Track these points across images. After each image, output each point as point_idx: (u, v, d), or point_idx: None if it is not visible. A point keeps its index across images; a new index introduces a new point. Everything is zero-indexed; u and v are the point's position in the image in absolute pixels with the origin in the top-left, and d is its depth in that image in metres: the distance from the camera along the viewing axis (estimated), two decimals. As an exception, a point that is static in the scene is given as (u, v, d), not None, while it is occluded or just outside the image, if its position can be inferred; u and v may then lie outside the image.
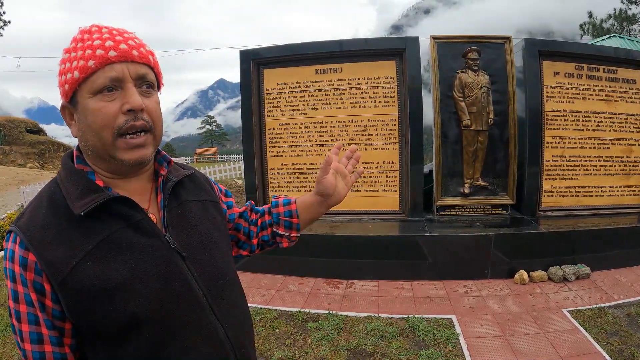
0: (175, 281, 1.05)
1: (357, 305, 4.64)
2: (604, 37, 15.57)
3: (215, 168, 18.26)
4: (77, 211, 0.98)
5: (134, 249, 1.01)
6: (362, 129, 6.11)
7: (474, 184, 6.04)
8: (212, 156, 39.90)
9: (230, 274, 1.22)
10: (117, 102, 1.00)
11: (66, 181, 1.04)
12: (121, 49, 1.00)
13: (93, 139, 1.02)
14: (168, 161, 1.20)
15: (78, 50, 1.00)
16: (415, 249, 5.28)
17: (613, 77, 6.23)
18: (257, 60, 6.33)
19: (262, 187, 6.43)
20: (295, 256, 5.37)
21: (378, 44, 6.27)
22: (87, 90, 0.99)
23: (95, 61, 0.98)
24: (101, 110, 0.99)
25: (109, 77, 0.98)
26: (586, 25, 28.10)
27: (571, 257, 5.26)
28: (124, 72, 1.00)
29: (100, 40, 1.00)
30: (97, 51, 0.98)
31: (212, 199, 1.31)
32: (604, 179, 6.31)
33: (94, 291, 0.95)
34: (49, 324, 0.98)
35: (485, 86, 5.85)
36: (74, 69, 0.99)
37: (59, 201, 1.01)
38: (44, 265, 0.94)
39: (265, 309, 4.60)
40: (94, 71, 0.98)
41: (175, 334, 1.03)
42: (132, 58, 1.02)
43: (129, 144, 1.01)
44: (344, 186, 1.43)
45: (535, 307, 4.44)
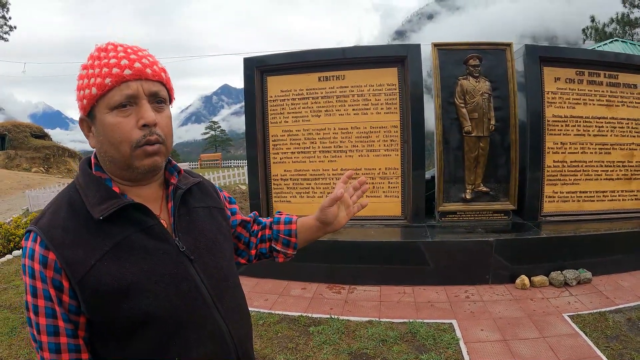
0: (184, 282, 1.13)
1: (358, 310, 4.69)
2: (606, 41, 15.59)
3: (219, 174, 18.31)
4: (96, 215, 1.06)
5: (147, 251, 1.09)
6: (365, 135, 6.16)
7: (476, 189, 6.07)
8: (216, 162, 39.98)
9: (233, 277, 1.31)
10: (132, 117, 1.08)
11: (85, 187, 1.12)
12: (136, 68, 1.08)
13: (112, 150, 1.10)
14: (178, 171, 1.29)
15: (95, 68, 1.08)
16: (417, 255, 5.33)
17: (614, 82, 6.25)
18: (260, 68, 6.40)
19: (265, 193, 6.49)
20: (298, 261, 5.36)
21: (380, 51, 6.33)
22: (104, 105, 1.07)
23: (112, 79, 1.05)
24: (119, 126, 1.07)
25: (125, 94, 1.06)
26: (589, 29, 28.07)
27: (572, 262, 5.28)
28: (139, 90, 1.08)
29: (116, 59, 1.07)
30: (114, 70, 1.06)
31: (218, 205, 1.39)
32: (606, 184, 6.32)
33: (110, 289, 1.03)
34: (65, 317, 1.04)
35: (487, 92, 5.89)
36: (92, 86, 1.07)
37: (78, 205, 1.09)
38: (64, 264, 1.02)
39: (267, 313, 4.66)
40: (110, 88, 1.06)
41: (183, 330, 1.11)
42: (145, 76, 1.09)
43: (145, 151, 1.09)
44: (344, 216, 1.51)
45: (535, 311, 4.47)
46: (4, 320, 4.90)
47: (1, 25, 38.60)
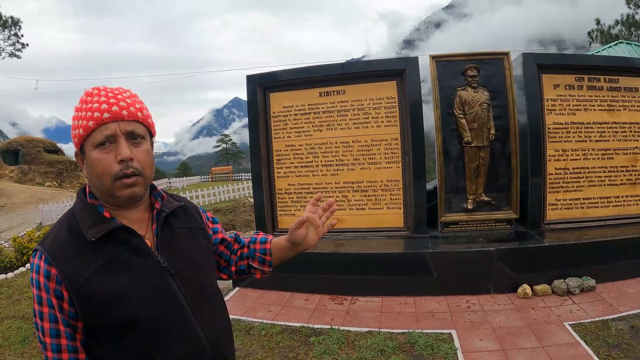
0: (165, 293, 1.31)
1: (359, 321, 4.74)
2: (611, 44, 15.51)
3: (229, 187, 18.41)
4: (89, 237, 1.25)
5: (133, 266, 1.28)
6: (366, 148, 6.23)
7: (478, 199, 6.09)
8: (227, 175, 40.11)
9: (210, 289, 1.49)
10: (112, 154, 1.26)
11: (81, 212, 1.32)
12: (113, 111, 1.27)
13: (97, 181, 1.29)
14: (162, 196, 1.48)
15: (83, 111, 1.28)
16: (420, 265, 5.37)
17: (614, 86, 6.22)
18: (263, 85, 6.53)
19: (270, 207, 6.58)
20: (302, 273, 5.49)
21: (379, 65, 6.41)
22: (90, 143, 1.27)
23: (94, 122, 1.26)
24: (101, 161, 1.26)
25: (104, 134, 1.26)
26: (594, 32, 27.93)
27: (576, 269, 5.26)
28: (116, 130, 1.27)
29: (98, 103, 1.27)
30: (95, 114, 1.26)
31: (200, 225, 1.56)
32: (609, 190, 6.26)
33: (101, 298, 1.22)
34: (65, 322, 1.24)
35: (485, 102, 5.92)
36: (80, 127, 1.28)
37: (75, 228, 1.29)
38: (63, 277, 1.21)
39: (270, 324, 4.74)
40: (93, 130, 1.26)
41: (164, 334, 1.28)
42: (122, 117, 1.28)
43: (124, 183, 1.28)
44: (314, 236, 1.64)
45: (536, 321, 4.47)
46: (17, 329, 5.15)
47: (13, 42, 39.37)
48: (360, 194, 6.30)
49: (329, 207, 1.66)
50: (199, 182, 36.73)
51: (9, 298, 6.49)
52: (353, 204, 6.33)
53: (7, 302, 6.23)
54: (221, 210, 14.37)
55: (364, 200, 6.29)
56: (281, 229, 6.55)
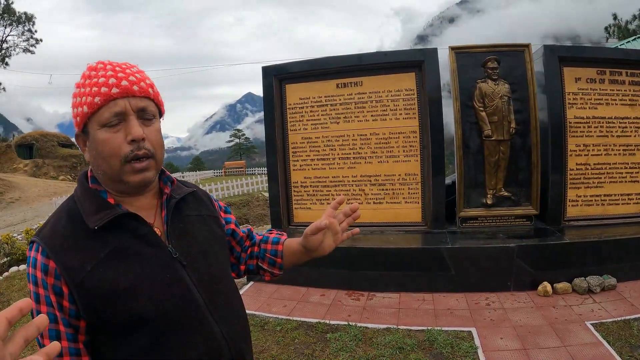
0: (177, 286, 1.19)
1: (376, 317, 4.67)
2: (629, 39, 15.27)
3: (242, 181, 18.44)
4: (91, 225, 1.13)
5: (140, 257, 1.16)
6: (384, 141, 6.15)
7: (497, 194, 5.99)
8: (241, 169, 40.23)
9: (225, 280, 1.37)
10: (121, 133, 1.14)
11: (82, 198, 1.20)
12: (122, 86, 1.14)
13: (104, 164, 1.17)
14: (172, 181, 1.35)
15: (86, 87, 1.15)
16: (437, 261, 5.28)
17: (637, 80, 6.07)
18: (279, 76, 6.46)
19: (285, 200, 6.52)
20: (318, 268, 5.43)
21: (397, 56, 6.31)
22: (95, 122, 1.15)
23: (101, 98, 1.12)
24: (108, 141, 1.14)
25: (113, 111, 1.13)
26: (611, 27, 27.64)
27: (597, 267, 5.15)
28: (126, 107, 1.14)
29: (104, 77, 1.14)
30: (102, 89, 1.13)
31: (212, 213, 1.45)
32: (631, 186, 6.15)
33: (105, 292, 1.09)
34: (66, 322, 1.10)
35: (506, 95, 5.81)
36: (84, 104, 1.14)
37: (76, 216, 1.17)
38: (63, 270, 1.09)
39: (285, 320, 4.67)
40: (100, 106, 1.13)
41: (175, 331, 1.17)
42: (132, 93, 1.15)
43: (134, 168, 1.16)
44: (330, 244, 1.49)
45: (557, 319, 4.37)
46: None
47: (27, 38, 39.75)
48: (377, 187, 6.23)
49: (352, 213, 1.49)
50: (212, 176, 36.91)
51: (20, 290, 6.50)
52: (370, 197, 6.25)
53: (19, 295, 6.23)
54: (234, 204, 14.35)
55: (382, 194, 6.22)
56: (297, 223, 6.49)
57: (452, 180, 6.40)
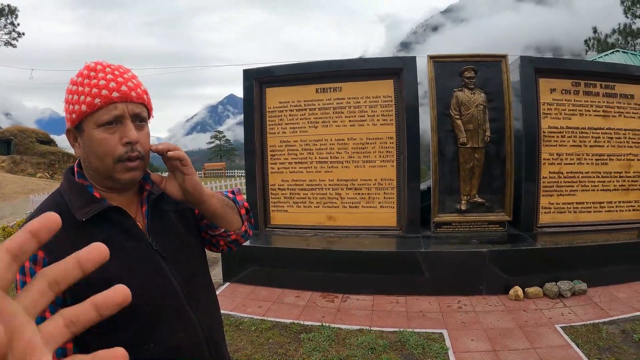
0: (159, 277, 1.26)
1: (350, 319, 4.72)
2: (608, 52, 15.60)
3: (221, 183, 18.40)
4: (79, 217, 1.18)
5: (125, 249, 1.22)
6: (361, 146, 6.21)
7: (471, 200, 6.08)
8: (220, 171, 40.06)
9: (202, 273, 1.45)
10: (117, 135, 1.21)
11: (69, 192, 1.25)
12: (122, 91, 1.20)
13: (97, 162, 1.23)
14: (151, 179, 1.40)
15: (85, 86, 1.19)
16: (412, 265, 5.35)
17: (610, 92, 6.24)
18: (259, 79, 6.48)
19: (263, 203, 6.54)
20: (293, 269, 5.49)
21: (377, 63, 6.40)
22: (92, 122, 1.20)
23: (101, 100, 1.18)
24: (105, 141, 1.20)
25: (113, 114, 1.19)
26: (591, 40, 28.12)
27: (568, 273, 5.26)
28: (124, 111, 1.21)
29: (105, 80, 1.19)
30: (103, 91, 1.18)
31: (189, 207, 1.47)
32: (603, 195, 6.29)
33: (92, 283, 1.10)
34: (52, 309, 1.06)
35: (482, 104, 5.91)
36: (82, 103, 1.19)
37: (63, 209, 1.20)
38: (52, 260, 1.10)
39: (260, 320, 4.70)
40: (99, 108, 1.19)
41: (158, 321, 1.24)
42: (131, 99, 1.22)
43: (127, 166, 1.22)
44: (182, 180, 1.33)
45: (528, 322, 4.46)
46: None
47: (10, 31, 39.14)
48: (353, 191, 6.28)
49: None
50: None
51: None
52: (346, 201, 6.30)
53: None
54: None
55: (358, 198, 6.27)
56: (273, 225, 6.51)
57: (428, 186, 6.48)
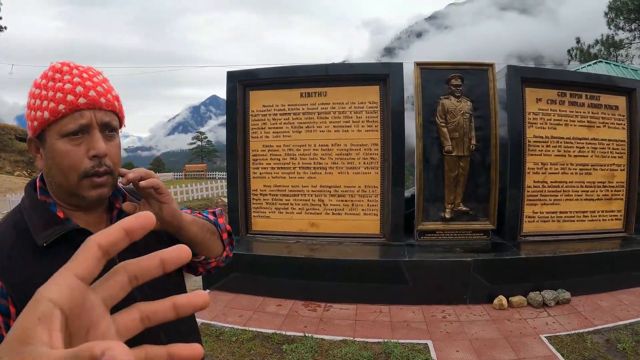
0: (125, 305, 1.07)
1: (333, 329, 4.62)
2: (591, 62, 15.76)
3: (202, 185, 18.24)
4: (40, 242, 1.04)
5: None
6: (345, 152, 6.15)
7: (455, 209, 6.05)
8: (201, 173, 39.76)
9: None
10: (83, 146, 1.06)
11: (30, 211, 1.10)
12: (90, 97, 1.06)
13: (59, 176, 1.08)
14: (123, 195, 1.26)
15: (49, 90, 1.05)
16: (395, 274, 5.29)
17: (595, 103, 6.30)
18: (243, 82, 6.39)
19: (244, 208, 6.43)
20: (275, 277, 5.39)
21: (363, 69, 6.34)
22: (56, 131, 1.05)
23: (66, 106, 1.04)
24: (69, 154, 1.05)
25: (79, 123, 1.05)
26: (574, 50, 28.46)
27: (551, 282, 5.26)
28: (92, 119, 1.06)
29: (71, 84, 1.05)
30: (68, 96, 1.04)
31: None
32: (586, 204, 6.34)
33: None
34: None
35: (468, 112, 5.89)
36: (45, 109, 1.04)
37: (23, 230, 1.07)
38: (10, 289, 0.99)
39: (241, 330, 4.58)
40: (64, 115, 1.04)
41: None
42: (99, 105, 1.08)
43: (93, 182, 1.08)
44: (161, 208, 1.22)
45: (512, 332, 4.43)
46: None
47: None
48: (337, 198, 6.21)
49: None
50: (172, 179, 36.30)
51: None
52: (329, 208, 6.23)
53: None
54: (194, 208, 14.02)
55: (341, 205, 6.20)
56: (255, 231, 6.40)
57: (412, 193, 6.45)
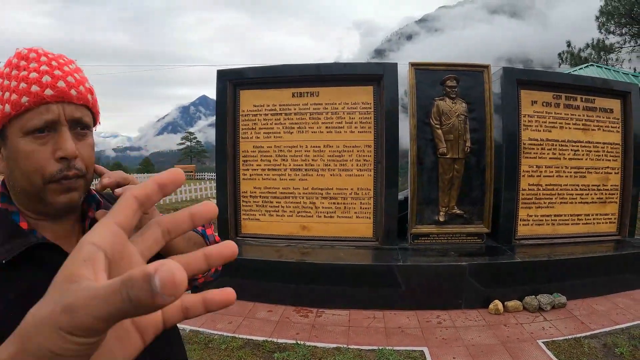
0: None
1: (326, 336, 4.50)
2: (582, 66, 15.87)
3: (191, 187, 18.09)
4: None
5: None
6: (337, 154, 6.05)
7: (450, 212, 5.98)
8: (190, 173, 39.49)
9: None
10: (49, 146, 0.91)
11: None
12: (59, 88, 0.91)
13: (22, 180, 0.93)
14: (97, 202, 1.09)
15: (12, 80, 0.90)
16: (388, 278, 5.18)
17: (590, 106, 6.31)
18: (234, 81, 6.26)
19: (234, 210, 6.30)
20: (266, 282, 5.27)
21: (356, 69, 6.25)
22: (18, 128, 0.91)
23: (30, 99, 0.89)
24: (32, 155, 0.90)
25: (44, 119, 0.90)
26: (565, 54, 28.66)
27: (547, 285, 5.22)
28: (60, 115, 0.91)
29: (37, 72, 0.90)
30: (33, 87, 0.89)
31: None
32: (580, 207, 6.34)
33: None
34: None
35: (463, 114, 5.83)
36: (6, 102, 0.90)
37: None
38: None
39: (231, 337, 4.44)
40: (27, 109, 0.89)
41: None
42: (69, 98, 0.93)
43: (62, 186, 0.92)
44: None
45: (509, 338, 4.36)
46: None
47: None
48: (329, 201, 6.10)
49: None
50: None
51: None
52: (321, 211, 6.12)
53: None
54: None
55: (333, 207, 6.09)
56: (244, 234, 6.27)
57: (405, 196, 6.36)
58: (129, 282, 0.33)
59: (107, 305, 0.34)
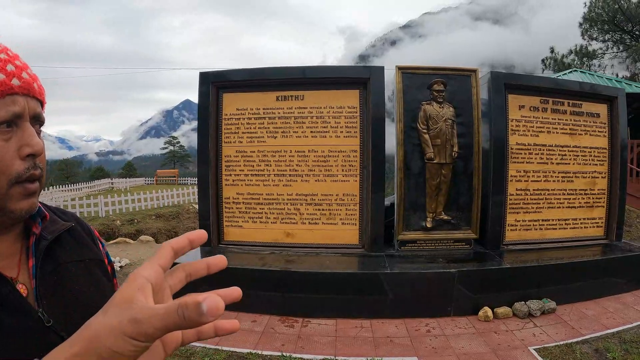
0: None
1: (312, 347, 4.36)
2: (566, 71, 15.96)
3: (174, 192, 17.85)
4: None
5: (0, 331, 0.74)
6: (322, 159, 5.94)
7: (437, 217, 5.90)
8: (173, 178, 39.10)
9: None
10: (13, 142, 0.78)
11: None
12: (24, 79, 0.80)
13: None
14: (43, 216, 0.92)
15: None
16: (375, 286, 5.07)
17: (578, 110, 6.31)
18: (217, 83, 6.13)
19: (216, 216, 6.15)
20: (249, 290, 5.09)
21: (343, 72, 6.18)
22: None
23: None
24: None
25: (12, 111, 0.77)
26: (548, 59, 28.94)
27: (536, 291, 5.19)
28: (24, 108, 0.79)
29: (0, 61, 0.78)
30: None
31: (96, 256, 1.03)
32: (568, 212, 6.34)
33: None
34: None
35: (450, 119, 5.77)
36: None
37: None
38: None
39: (214, 350, 4.27)
40: None
41: None
42: (32, 92, 0.82)
43: (27, 190, 0.80)
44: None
45: (500, 346, 4.29)
46: None
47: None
48: (313, 207, 5.98)
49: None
50: (143, 184, 35.39)
51: None
52: (306, 217, 6.00)
53: None
54: (164, 215, 13.74)
55: (318, 214, 5.97)
56: (227, 242, 6.13)
57: (392, 202, 6.27)
58: (184, 305, 0.48)
59: (165, 320, 0.48)
